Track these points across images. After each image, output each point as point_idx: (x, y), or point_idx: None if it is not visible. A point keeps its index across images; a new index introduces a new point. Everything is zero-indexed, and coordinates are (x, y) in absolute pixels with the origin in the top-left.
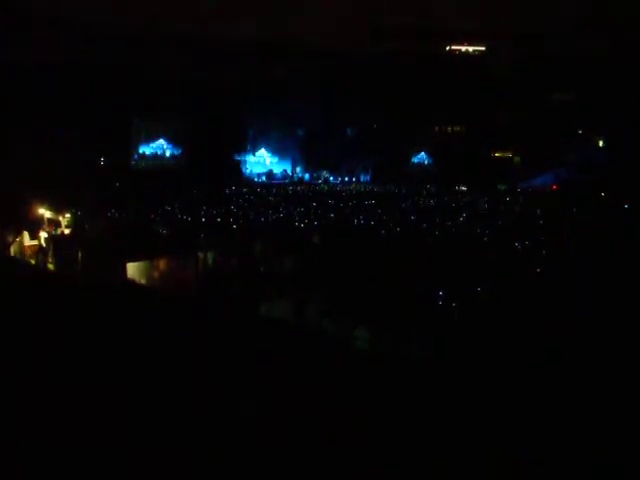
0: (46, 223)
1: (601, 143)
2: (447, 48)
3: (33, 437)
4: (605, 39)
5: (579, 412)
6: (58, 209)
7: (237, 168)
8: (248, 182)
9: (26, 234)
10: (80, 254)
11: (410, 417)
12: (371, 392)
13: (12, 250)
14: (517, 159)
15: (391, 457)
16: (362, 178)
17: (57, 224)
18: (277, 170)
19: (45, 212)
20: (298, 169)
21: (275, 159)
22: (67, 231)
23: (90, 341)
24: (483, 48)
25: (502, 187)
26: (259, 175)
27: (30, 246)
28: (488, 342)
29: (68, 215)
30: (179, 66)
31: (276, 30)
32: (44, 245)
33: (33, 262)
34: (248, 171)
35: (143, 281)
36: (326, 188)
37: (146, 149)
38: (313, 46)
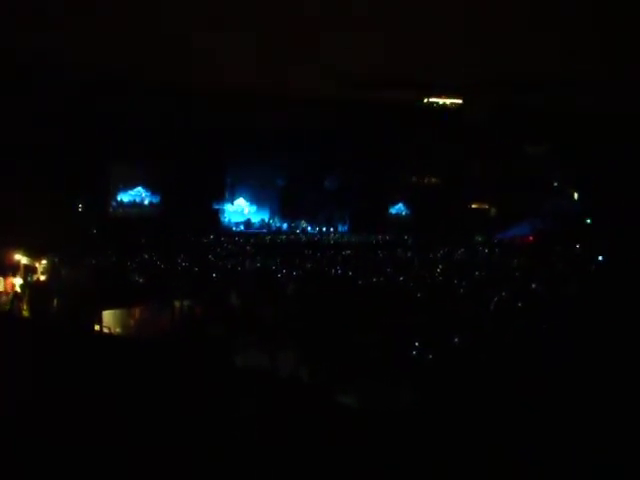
0: (22, 269)
1: (576, 195)
2: (424, 100)
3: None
4: (579, 93)
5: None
6: (34, 255)
7: (215, 217)
8: (226, 231)
9: (1, 280)
10: (56, 301)
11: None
12: (352, 444)
13: None
14: (493, 210)
15: None
16: (340, 228)
17: (33, 270)
18: (255, 219)
19: (21, 258)
20: (276, 218)
21: (253, 208)
22: (43, 277)
23: (65, 389)
24: (460, 101)
25: (479, 238)
26: (237, 224)
27: (5, 292)
28: (465, 393)
29: (44, 261)
30: (158, 113)
31: (255, 80)
32: (19, 291)
33: (7, 308)
34: (226, 220)
35: (119, 329)
36: (304, 238)
37: (124, 196)
38: (290, 96)
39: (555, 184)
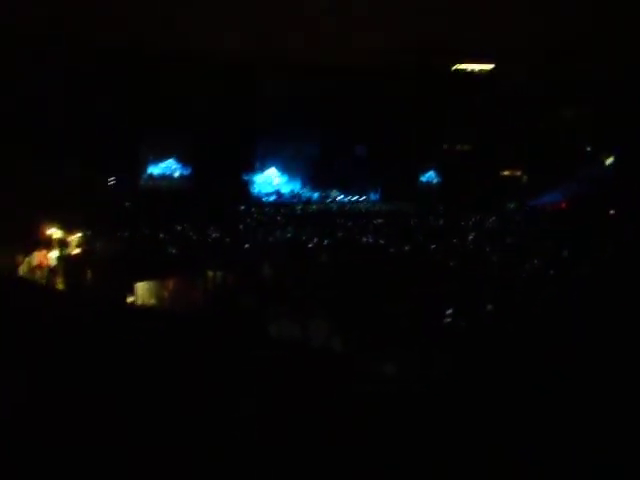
0: (56, 243)
1: (609, 160)
2: (454, 67)
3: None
4: (612, 58)
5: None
6: (67, 229)
7: (245, 188)
8: (256, 201)
9: (36, 254)
10: (90, 274)
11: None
12: (378, 410)
13: (21, 270)
14: (525, 177)
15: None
16: (372, 197)
17: (66, 244)
18: (285, 189)
19: (55, 232)
20: (307, 188)
21: (284, 178)
22: (77, 251)
23: (99, 361)
24: (490, 66)
25: (511, 205)
26: (268, 194)
27: (39, 266)
28: (496, 359)
29: (78, 235)
30: (189, 86)
31: (286, 48)
32: (54, 265)
33: (44, 282)
34: (257, 190)
35: (152, 300)
36: (335, 207)
37: (155, 169)
38: (321, 65)
39: (588, 149)
